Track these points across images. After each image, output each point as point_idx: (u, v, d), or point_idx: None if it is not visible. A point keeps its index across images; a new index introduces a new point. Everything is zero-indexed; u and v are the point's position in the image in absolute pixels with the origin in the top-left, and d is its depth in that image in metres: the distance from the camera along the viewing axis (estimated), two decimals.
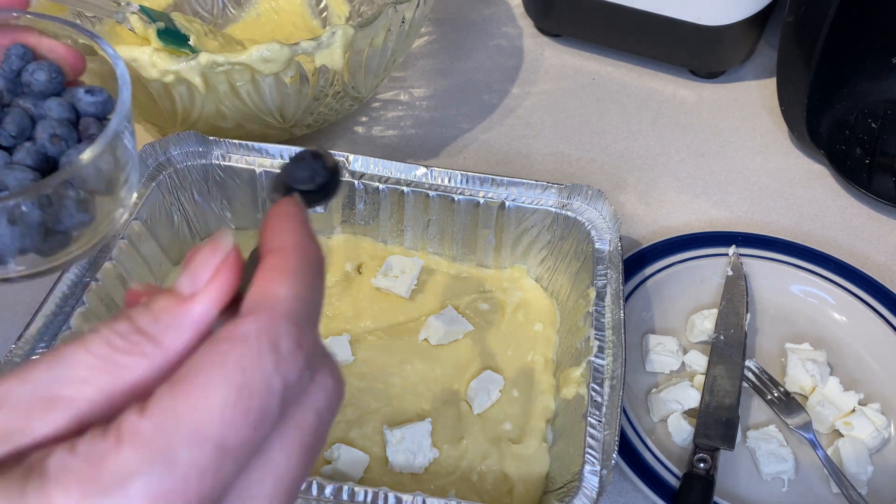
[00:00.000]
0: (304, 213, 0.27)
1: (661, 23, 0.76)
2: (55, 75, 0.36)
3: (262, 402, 0.22)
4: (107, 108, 0.36)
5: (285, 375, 0.23)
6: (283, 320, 0.23)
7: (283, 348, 0.23)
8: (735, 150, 0.76)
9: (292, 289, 0.24)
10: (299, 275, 0.24)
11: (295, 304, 0.24)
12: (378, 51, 0.64)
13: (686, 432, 0.54)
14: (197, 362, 0.22)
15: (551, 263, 0.60)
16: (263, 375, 0.22)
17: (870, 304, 0.60)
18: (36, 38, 0.36)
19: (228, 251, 0.25)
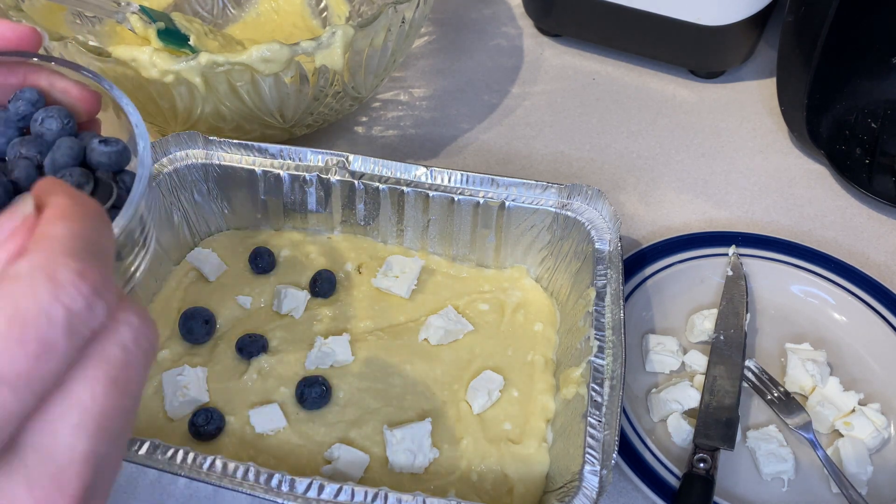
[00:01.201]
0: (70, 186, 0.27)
1: (661, 23, 0.76)
2: (67, 122, 0.34)
3: (41, 331, 0.22)
4: (122, 160, 0.34)
5: (67, 304, 0.22)
6: (59, 254, 0.23)
7: (62, 278, 0.22)
8: (735, 150, 0.76)
9: (68, 228, 0.24)
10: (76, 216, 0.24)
11: (73, 240, 0.23)
12: (378, 51, 0.64)
13: (686, 432, 0.54)
14: None
15: (551, 263, 0.60)
16: (39, 305, 0.22)
17: (870, 304, 0.60)
18: (48, 79, 0.35)
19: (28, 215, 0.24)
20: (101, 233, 0.25)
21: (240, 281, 0.60)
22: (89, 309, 0.23)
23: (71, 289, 0.22)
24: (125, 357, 0.24)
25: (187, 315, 0.56)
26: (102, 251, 0.25)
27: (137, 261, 0.34)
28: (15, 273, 0.22)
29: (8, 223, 0.24)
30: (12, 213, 0.25)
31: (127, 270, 0.34)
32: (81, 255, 0.23)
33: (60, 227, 0.24)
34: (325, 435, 0.52)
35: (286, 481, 0.44)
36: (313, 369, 0.55)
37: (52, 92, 0.34)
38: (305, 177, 0.60)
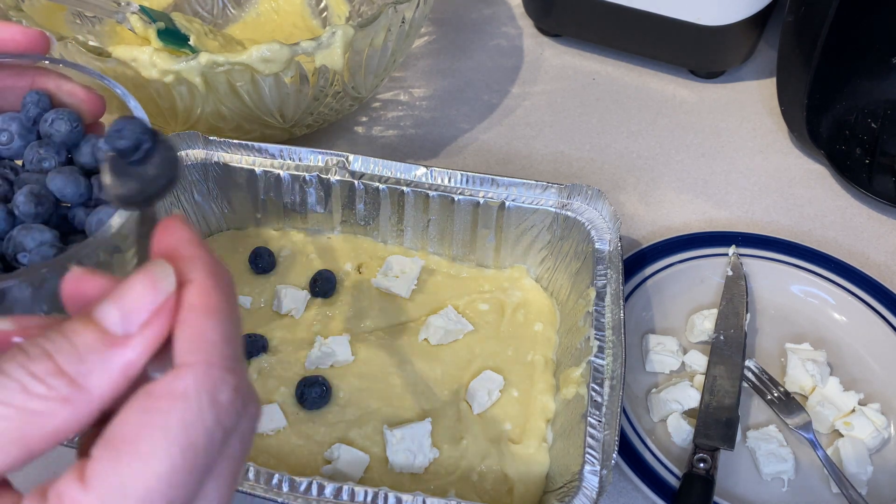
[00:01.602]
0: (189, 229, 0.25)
1: (661, 23, 0.76)
2: (75, 125, 0.34)
3: (206, 457, 0.22)
4: None
5: (225, 426, 0.22)
6: (219, 369, 0.22)
7: (223, 399, 0.22)
8: (735, 150, 0.76)
9: (221, 331, 0.23)
10: (223, 312, 0.23)
11: (227, 347, 0.23)
12: (378, 51, 0.64)
13: (686, 432, 0.54)
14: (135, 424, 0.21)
15: (551, 263, 0.60)
16: (206, 431, 0.22)
17: (870, 304, 0.60)
18: (55, 82, 0.35)
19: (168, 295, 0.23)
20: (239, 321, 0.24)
21: (240, 281, 0.60)
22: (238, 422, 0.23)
23: (230, 408, 0.22)
24: (244, 448, 0.24)
25: None
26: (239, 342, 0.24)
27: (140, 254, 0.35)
28: (182, 393, 0.22)
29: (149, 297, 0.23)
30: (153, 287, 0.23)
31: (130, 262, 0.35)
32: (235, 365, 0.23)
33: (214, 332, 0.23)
34: (325, 435, 0.52)
35: (286, 481, 0.44)
36: (313, 369, 0.55)
37: (58, 94, 0.35)
38: (305, 177, 0.60)
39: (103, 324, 0.23)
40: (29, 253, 0.32)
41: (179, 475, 0.21)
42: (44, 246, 0.32)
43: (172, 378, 0.22)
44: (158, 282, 0.23)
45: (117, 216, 0.32)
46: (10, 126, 0.35)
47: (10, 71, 0.34)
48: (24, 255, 0.32)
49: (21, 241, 0.32)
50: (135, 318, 0.23)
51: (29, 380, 0.21)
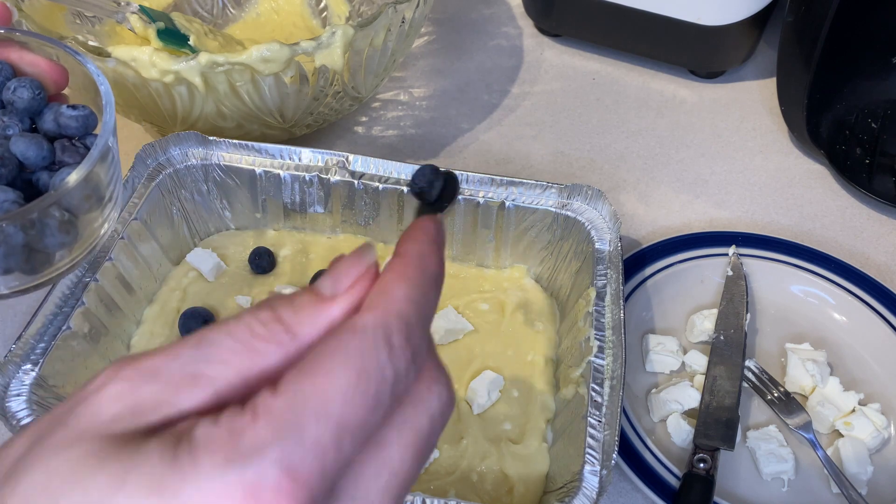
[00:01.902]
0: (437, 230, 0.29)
1: (661, 23, 0.76)
2: (38, 92, 0.36)
3: (377, 387, 0.24)
4: (89, 123, 0.36)
5: (396, 367, 0.25)
6: (395, 317, 0.25)
7: (395, 341, 0.25)
8: (735, 150, 0.76)
9: (406, 291, 0.26)
10: (414, 280, 0.27)
11: (407, 304, 0.26)
12: (378, 51, 0.64)
13: (686, 432, 0.54)
14: (322, 349, 0.24)
15: (551, 263, 0.60)
16: (378, 363, 0.24)
17: (870, 304, 0.60)
18: (18, 53, 0.36)
19: (371, 264, 0.27)
20: (430, 299, 0.27)
21: (240, 281, 0.60)
22: (408, 373, 0.25)
23: (400, 353, 0.25)
24: (430, 427, 0.26)
25: (187, 315, 0.56)
26: (426, 317, 0.27)
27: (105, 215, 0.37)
28: (362, 326, 0.25)
29: (355, 267, 0.27)
30: (359, 259, 0.27)
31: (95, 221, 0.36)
32: (411, 321, 0.26)
33: (400, 290, 0.26)
34: None
35: None
36: None
37: (21, 65, 0.36)
38: (305, 177, 0.60)
39: (318, 289, 0.26)
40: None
41: (353, 393, 0.23)
42: (6, 202, 0.33)
43: (354, 318, 0.25)
44: (362, 255, 0.27)
45: (74, 174, 0.33)
46: None
47: None
48: None
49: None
50: (341, 282, 0.26)
51: (256, 323, 0.25)
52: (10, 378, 0.46)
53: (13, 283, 0.35)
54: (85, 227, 0.36)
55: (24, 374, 0.47)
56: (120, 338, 0.55)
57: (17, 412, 0.45)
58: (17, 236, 0.32)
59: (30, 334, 0.49)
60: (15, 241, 0.32)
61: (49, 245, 0.34)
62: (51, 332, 0.49)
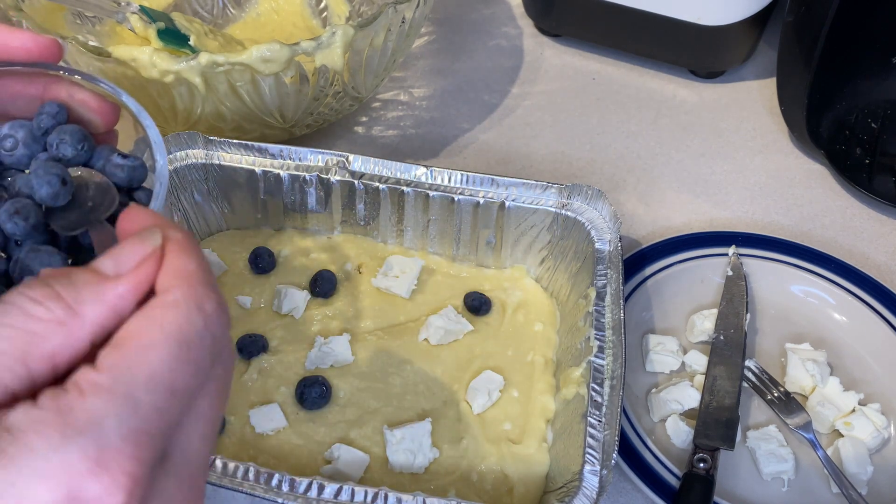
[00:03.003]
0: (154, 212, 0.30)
1: (661, 23, 0.76)
2: (81, 146, 0.34)
3: (199, 353, 0.26)
4: (136, 176, 0.34)
5: (213, 331, 0.26)
6: (203, 286, 0.27)
7: (208, 309, 0.26)
8: (735, 150, 0.76)
9: (197, 261, 0.27)
10: (195, 250, 0.28)
11: (205, 273, 0.27)
12: (378, 51, 0.64)
13: (685, 434, 0.54)
14: (136, 326, 0.25)
15: (551, 263, 0.60)
16: (197, 333, 0.26)
17: (870, 304, 0.60)
18: (67, 90, 0.35)
19: (157, 247, 0.27)
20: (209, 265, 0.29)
21: (240, 281, 0.60)
22: (224, 333, 0.27)
23: (215, 317, 0.26)
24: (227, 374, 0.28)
25: None
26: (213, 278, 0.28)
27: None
28: (173, 301, 0.26)
29: (139, 249, 0.27)
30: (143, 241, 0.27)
31: None
32: (213, 287, 0.27)
33: (193, 262, 0.27)
34: (325, 435, 0.52)
35: (286, 481, 0.44)
36: (313, 369, 0.55)
37: (71, 104, 0.35)
38: (305, 177, 0.60)
39: (98, 268, 0.27)
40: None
41: (179, 364, 0.25)
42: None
43: (162, 295, 0.26)
44: (146, 237, 0.27)
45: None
46: (17, 133, 0.34)
47: (20, 77, 0.34)
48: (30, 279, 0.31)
49: (28, 265, 0.31)
50: (125, 261, 0.27)
51: (29, 303, 0.24)
52: None
53: None
54: None
55: None
56: None
57: None
58: None
59: None
60: None
61: None
62: None
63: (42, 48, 0.34)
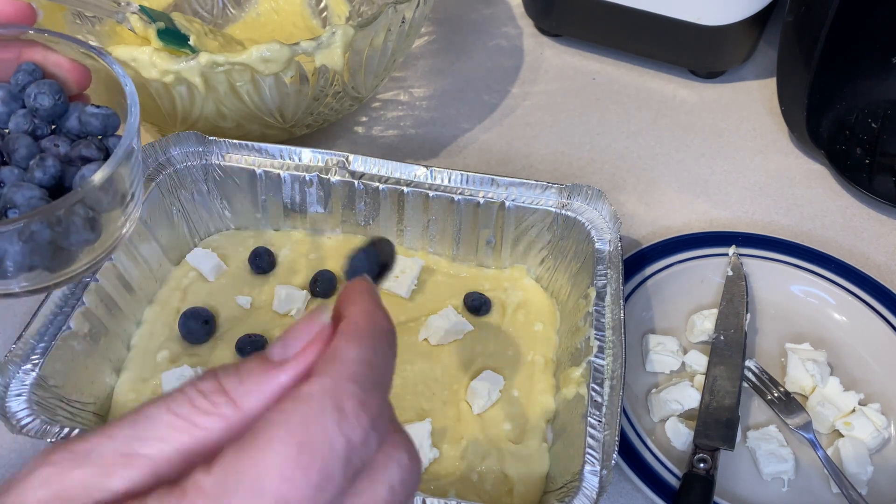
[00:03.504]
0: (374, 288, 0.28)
1: (661, 23, 0.76)
2: (58, 97, 0.36)
3: (324, 461, 0.22)
4: (110, 123, 0.37)
5: (349, 436, 0.23)
6: (347, 381, 0.23)
7: (347, 408, 0.23)
8: (735, 150, 0.76)
9: (358, 352, 0.24)
10: (366, 339, 0.25)
11: (360, 366, 0.24)
12: (378, 51, 0.64)
13: (685, 435, 0.54)
14: (262, 421, 0.23)
15: (551, 263, 0.60)
16: (325, 434, 0.22)
17: (870, 304, 0.60)
18: (42, 53, 0.36)
19: (325, 325, 0.25)
20: (388, 359, 0.26)
21: (240, 281, 0.60)
22: (365, 442, 0.23)
23: (353, 420, 0.23)
24: (391, 497, 0.24)
25: (187, 315, 0.56)
26: (383, 379, 0.25)
27: (126, 214, 0.37)
28: (306, 394, 0.23)
29: (306, 330, 0.25)
30: (311, 321, 0.25)
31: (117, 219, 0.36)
32: (366, 384, 0.24)
33: (351, 351, 0.24)
34: None
35: None
36: None
37: (45, 65, 0.36)
38: (305, 177, 0.60)
39: (268, 355, 0.25)
40: (18, 208, 0.33)
41: (292, 469, 0.22)
42: (33, 199, 0.33)
43: (301, 384, 0.23)
44: (315, 316, 0.25)
45: (100, 172, 0.33)
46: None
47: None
48: (13, 210, 0.33)
49: (11, 198, 0.33)
50: (292, 347, 0.25)
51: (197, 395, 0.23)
52: (10, 378, 0.46)
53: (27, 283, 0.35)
54: (107, 225, 0.36)
55: (24, 374, 0.47)
56: (120, 338, 0.55)
57: (17, 412, 0.45)
58: (44, 233, 0.33)
59: (30, 334, 0.49)
60: (41, 237, 0.33)
61: (74, 242, 0.34)
62: (51, 332, 0.49)
63: (17, 11, 0.35)
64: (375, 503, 0.24)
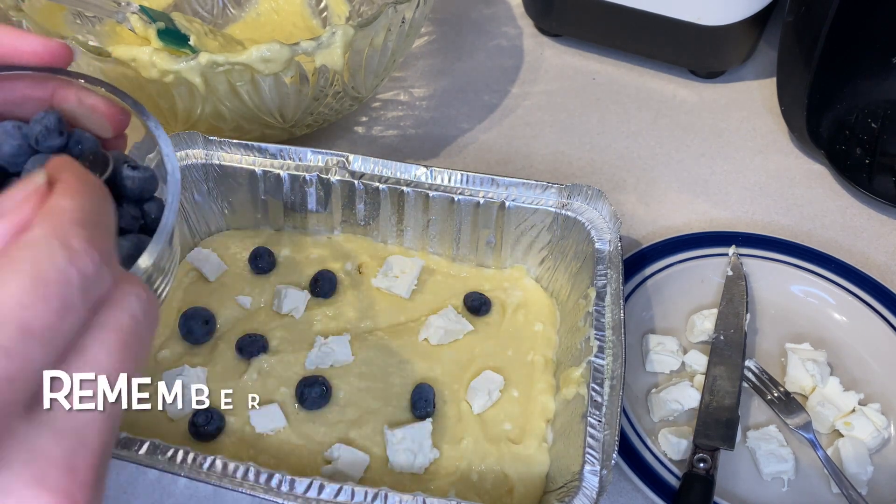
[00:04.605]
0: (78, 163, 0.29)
1: (661, 23, 0.76)
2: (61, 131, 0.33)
3: (61, 289, 0.24)
4: (149, 186, 0.34)
5: (81, 268, 0.24)
6: (70, 224, 0.25)
7: (75, 245, 0.25)
8: (735, 150, 0.76)
9: (74, 202, 0.26)
10: (81, 192, 0.26)
11: (80, 213, 0.25)
12: (378, 51, 0.64)
13: (681, 445, 0.53)
14: None
15: (551, 263, 0.60)
16: (57, 267, 0.24)
17: (870, 304, 0.60)
18: (77, 94, 0.35)
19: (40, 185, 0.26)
20: (106, 208, 0.27)
21: (240, 281, 0.60)
22: (98, 274, 0.25)
23: (83, 254, 0.25)
24: (134, 324, 0.26)
25: (187, 315, 0.56)
26: (106, 225, 0.27)
27: (164, 283, 0.35)
28: (32, 239, 0.24)
29: (21, 192, 0.26)
30: (26, 184, 0.26)
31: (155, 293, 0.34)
32: (89, 226, 0.25)
33: (69, 201, 0.26)
34: (325, 435, 0.52)
35: (286, 481, 0.44)
36: (313, 369, 0.55)
37: (80, 108, 0.35)
38: (305, 177, 0.60)
39: None
40: None
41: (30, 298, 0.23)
42: None
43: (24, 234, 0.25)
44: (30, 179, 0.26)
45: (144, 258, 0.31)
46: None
47: (30, 81, 0.34)
48: None
49: None
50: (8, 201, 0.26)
51: None
52: None
53: None
54: None
55: None
56: None
57: None
58: None
59: None
60: None
61: None
62: None
63: (52, 52, 0.33)
64: (119, 330, 0.26)
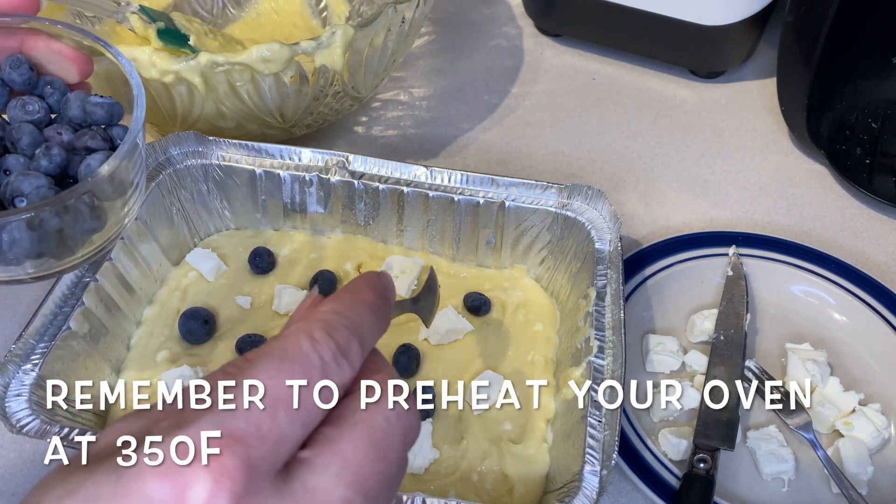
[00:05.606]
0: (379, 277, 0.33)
1: (661, 23, 0.76)
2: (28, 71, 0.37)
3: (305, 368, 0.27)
4: (114, 112, 0.38)
5: (321, 354, 0.28)
6: (317, 321, 0.29)
7: (316, 335, 0.28)
8: (735, 150, 0.76)
9: (331, 306, 0.30)
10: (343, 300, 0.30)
11: (329, 314, 0.29)
12: (378, 51, 0.64)
13: (681, 445, 0.53)
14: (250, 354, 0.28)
15: (551, 263, 0.60)
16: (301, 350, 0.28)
17: (870, 304, 0.60)
18: (45, 42, 0.37)
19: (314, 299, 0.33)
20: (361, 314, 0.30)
21: (240, 281, 0.60)
22: (336, 363, 0.28)
23: (322, 343, 0.28)
24: (388, 427, 0.29)
25: (187, 315, 0.56)
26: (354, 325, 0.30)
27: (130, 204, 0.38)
28: (284, 334, 0.29)
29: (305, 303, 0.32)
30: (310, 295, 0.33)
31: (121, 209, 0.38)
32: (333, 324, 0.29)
33: (325, 306, 0.30)
34: None
35: None
36: None
37: (47, 54, 0.38)
38: (305, 177, 0.60)
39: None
40: (26, 197, 0.34)
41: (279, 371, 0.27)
42: (41, 188, 0.34)
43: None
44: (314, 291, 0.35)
45: (107, 164, 0.35)
46: None
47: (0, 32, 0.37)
48: (20, 199, 0.34)
49: (18, 186, 0.34)
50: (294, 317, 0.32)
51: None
52: (10, 378, 0.46)
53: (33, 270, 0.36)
54: (111, 213, 0.37)
55: (24, 374, 0.47)
56: (120, 338, 0.55)
57: (16, 412, 0.45)
58: (52, 222, 0.34)
59: (30, 334, 0.49)
60: (50, 226, 0.34)
61: (80, 231, 0.36)
62: (51, 332, 0.49)
63: (20, 1, 0.36)
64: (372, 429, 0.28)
